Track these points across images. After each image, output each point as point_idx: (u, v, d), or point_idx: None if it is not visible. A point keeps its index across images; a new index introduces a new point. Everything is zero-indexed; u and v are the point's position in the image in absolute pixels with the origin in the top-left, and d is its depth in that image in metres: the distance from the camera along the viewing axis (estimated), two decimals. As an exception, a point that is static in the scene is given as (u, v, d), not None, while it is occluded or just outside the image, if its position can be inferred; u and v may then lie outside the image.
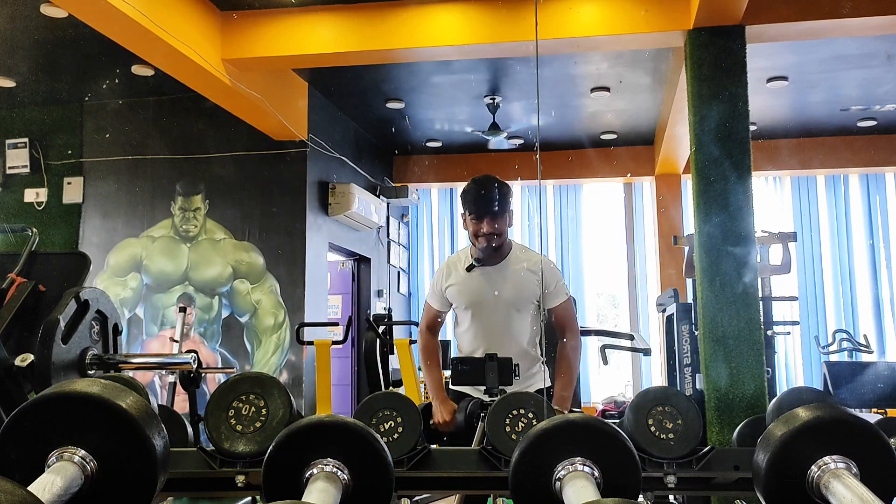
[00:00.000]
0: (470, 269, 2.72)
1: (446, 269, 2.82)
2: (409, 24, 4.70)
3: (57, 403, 1.07)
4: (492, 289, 2.70)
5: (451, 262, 2.84)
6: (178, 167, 6.16)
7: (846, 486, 1.07)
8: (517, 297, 2.70)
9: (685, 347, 4.38)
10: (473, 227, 2.67)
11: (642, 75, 5.88)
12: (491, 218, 2.63)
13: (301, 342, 5.19)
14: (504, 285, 2.70)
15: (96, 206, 6.25)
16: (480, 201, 2.65)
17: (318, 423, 1.21)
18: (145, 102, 6.24)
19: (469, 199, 2.69)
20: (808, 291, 7.59)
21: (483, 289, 2.71)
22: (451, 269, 2.80)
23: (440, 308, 2.84)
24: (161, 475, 1.11)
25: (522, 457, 1.19)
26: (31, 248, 2.50)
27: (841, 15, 4.15)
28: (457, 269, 2.78)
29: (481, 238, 2.66)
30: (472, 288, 2.73)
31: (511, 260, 2.73)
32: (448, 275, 2.79)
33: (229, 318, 6.00)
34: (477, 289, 2.72)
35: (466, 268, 2.73)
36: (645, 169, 7.76)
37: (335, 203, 6.35)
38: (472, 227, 2.68)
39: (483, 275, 2.72)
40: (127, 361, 2.42)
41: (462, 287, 2.74)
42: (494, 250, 2.69)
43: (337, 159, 6.48)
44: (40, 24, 4.79)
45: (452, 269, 2.79)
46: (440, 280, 2.82)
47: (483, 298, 2.71)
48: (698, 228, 4.14)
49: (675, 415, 1.64)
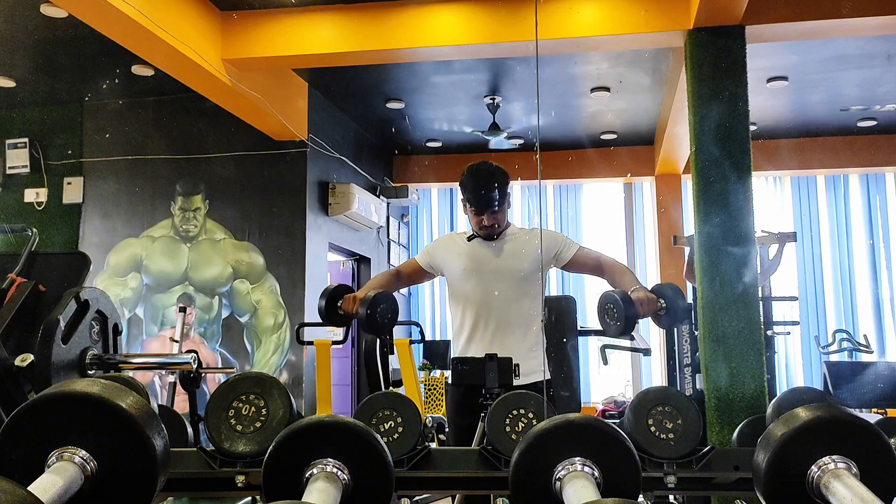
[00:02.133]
0: (471, 238, 2.83)
1: (447, 239, 2.94)
2: (409, 24, 4.70)
3: (57, 403, 1.07)
4: (493, 255, 2.78)
5: (451, 236, 2.96)
6: (178, 167, 6.16)
7: (846, 486, 1.07)
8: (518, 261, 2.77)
9: (685, 347, 4.38)
10: (474, 218, 2.78)
11: (642, 75, 5.88)
12: (491, 212, 2.74)
13: (301, 342, 5.17)
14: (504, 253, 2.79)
15: (96, 206, 6.25)
16: (480, 198, 2.74)
17: (318, 423, 1.21)
18: (145, 102, 6.24)
19: (468, 191, 2.77)
20: (808, 291, 7.59)
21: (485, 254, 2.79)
22: (451, 240, 2.91)
23: (423, 266, 2.89)
24: (161, 475, 1.11)
25: (522, 457, 1.19)
26: (31, 248, 2.50)
27: (841, 15, 4.15)
28: (455, 242, 2.87)
29: (483, 228, 2.77)
30: (473, 254, 2.80)
31: (509, 232, 2.84)
32: (448, 244, 2.88)
33: (229, 318, 6.01)
34: (478, 254, 2.79)
35: (468, 238, 2.84)
36: (645, 169, 7.76)
37: (335, 203, 6.35)
38: (473, 217, 2.79)
39: (483, 245, 2.81)
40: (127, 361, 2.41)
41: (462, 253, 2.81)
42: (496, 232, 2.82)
43: (337, 159, 6.48)
44: (40, 24, 4.79)
45: (451, 242, 2.89)
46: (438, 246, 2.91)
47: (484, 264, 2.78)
48: (698, 228, 4.13)
49: (675, 415, 1.63)
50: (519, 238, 2.82)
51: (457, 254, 2.81)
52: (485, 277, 2.76)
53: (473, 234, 2.83)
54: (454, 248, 2.83)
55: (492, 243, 2.80)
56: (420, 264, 2.89)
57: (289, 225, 5.99)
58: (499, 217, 2.75)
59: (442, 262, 2.84)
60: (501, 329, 2.71)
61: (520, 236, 2.83)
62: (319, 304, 2.57)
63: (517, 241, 2.81)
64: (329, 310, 2.56)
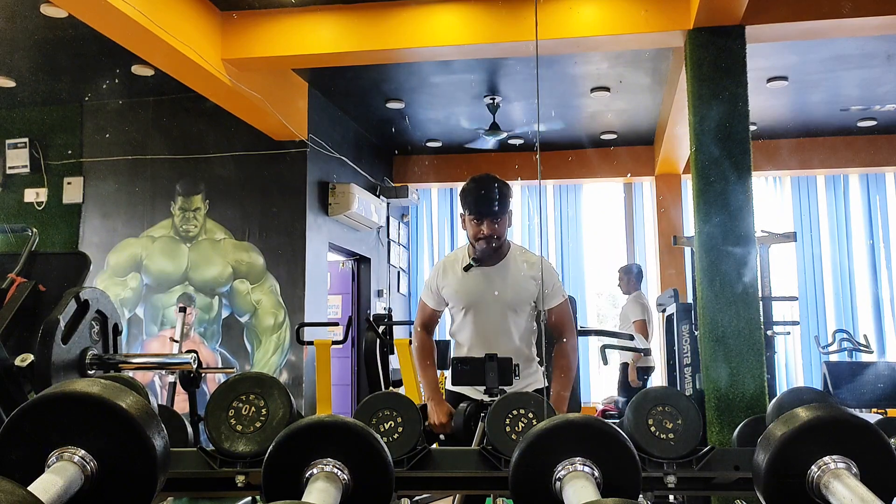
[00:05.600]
0: (468, 268, 2.69)
1: (443, 269, 2.79)
2: (409, 24, 4.70)
3: (57, 403, 1.07)
4: (490, 289, 2.67)
5: (448, 262, 2.81)
6: (178, 167, 6.16)
7: (846, 486, 1.07)
8: (515, 297, 2.67)
9: (685, 347, 4.38)
10: (473, 228, 2.65)
11: (642, 75, 5.88)
12: (491, 220, 2.61)
13: (301, 342, 5.19)
14: (502, 286, 2.67)
15: (96, 206, 6.25)
16: (481, 203, 2.62)
17: (318, 423, 1.21)
18: (145, 102, 6.24)
19: (469, 200, 2.66)
20: (808, 291, 7.59)
21: (481, 289, 2.69)
22: (447, 268, 2.78)
23: (435, 307, 2.82)
24: (161, 475, 1.11)
25: (522, 457, 1.19)
26: (31, 248, 2.50)
27: (841, 15, 4.15)
28: (454, 269, 2.75)
29: (481, 240, 2.64)
30: (469, 288, 2.70)
31: (510, 260, 2.71)
32: (445, 274, 2.76)
33: (229, 318, 6.00)
34: (475, 289, 2.69)
35: (464, 267, 2.70)
36: (645, 169, 7.76)
37: (335, 203, 6.35)
38: (471, 228, 2.66)
39: (481, 275, 2.69)
40: (127, 361, 2.41)
41: (459, 287, 2.71)
42: (494, 251, 2.68)
43: (337, 159, 6.48)
44: (40, 24, 4.79)
45: (449, 269, 2.76)
46: (436, 279, 2.79)
47: (481, 299, 2.69)
48: (698, 228, 4.13)
49: (675, 415, 1.63)
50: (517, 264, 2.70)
51: (454, 290, 2.73)
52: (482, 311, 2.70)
53: (470, 264, 2.69)
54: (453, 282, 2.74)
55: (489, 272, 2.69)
56: (431, 307, 2.82)
57: (289, 225, 5.99)
58: (498, 228, 2.63)
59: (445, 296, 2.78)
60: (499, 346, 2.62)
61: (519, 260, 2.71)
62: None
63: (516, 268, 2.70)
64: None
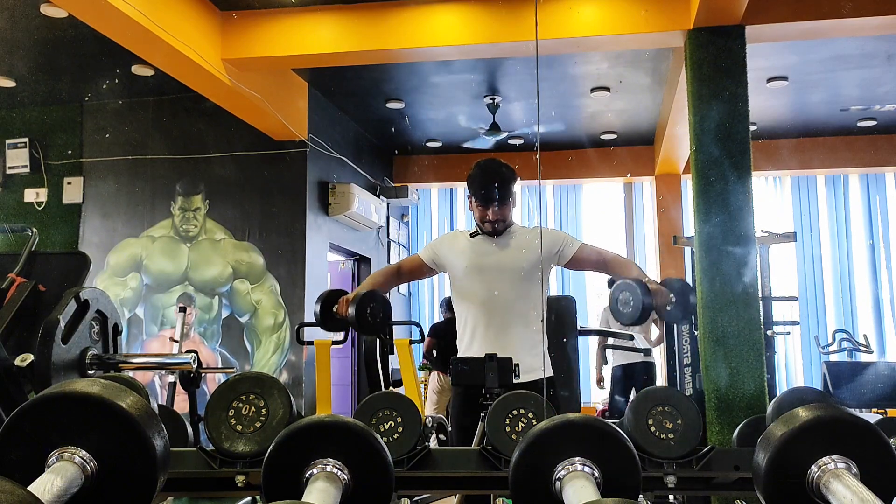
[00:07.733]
0: (474, 235, 2.83)
1: (451, 237, 2.94)
2: (409, 24, 4.70)
3: (57, 403, 1.07)
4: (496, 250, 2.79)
5: (455, 233, 2.97)
6: (178, 167, 6.16)
7: (846, 486, 1.07)
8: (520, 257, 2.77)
9: (685, 347, 4.38)
10: (479, 212, 2.78)
11: (642, 75, 5.88)
12: (497, 206, 2.74)
13: (301, 342, 5.18)
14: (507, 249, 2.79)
15: (96, 206, 6.25)
16: (487, 190, 2.75)
17: (318, 423, 1.21)
18: (145, 102, 6.24)
19: (475, 185, 2.78)
20: (808, 291, 7.59)
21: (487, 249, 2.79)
22: (457, 235, 2.92)
23: (425, 261, 2.88)
24: (161, 475, 1.11)
25: (522, 457, 1.19)
26: (31, 248, 2.50)
27: (841, 15, 4.15)
28: (458, 239, 2.88)
29: (487, 223, 2.77)
30: (476, 250, 2.81)
31: (513, 230, 2.84)
32: (452, 241, 2.89)
33: (229, 318, 6.00)
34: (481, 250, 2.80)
35: (471, 234, 2.84)
36: (645, 169, 7.76)
37: (335, 203, 6.35)
38: (478, 212, 2.79)
39: (486, 241, 2.82)
40: (127, 361, 2.41)
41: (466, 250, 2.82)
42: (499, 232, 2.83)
43: (337, 159, 6.48)
44: (40, 24, 4.79)
45: (454, 239, 2.90)
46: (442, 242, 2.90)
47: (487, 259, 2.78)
48: (698, 228, 4.13)
49: (675, 415, 1.63)
50: (522, 235, 2.84)
51: (459, 251, 2.82)
52: (487, 274, 2.77)
53: (476, 232, 2.83)
54: (457, 245, 2.84)
55: (495, 239, 2.81)
56: (423, 260, 2.89)
57: (289, 225, 5.99)
58: (503, 212, 2.76)
59: (445, 258, 2.85)
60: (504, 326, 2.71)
61: (522, 233, 2.85)
62: (315, 310, 2.56)
63: (520, 237, 2.82)
64: (324, 315, 2.56)
